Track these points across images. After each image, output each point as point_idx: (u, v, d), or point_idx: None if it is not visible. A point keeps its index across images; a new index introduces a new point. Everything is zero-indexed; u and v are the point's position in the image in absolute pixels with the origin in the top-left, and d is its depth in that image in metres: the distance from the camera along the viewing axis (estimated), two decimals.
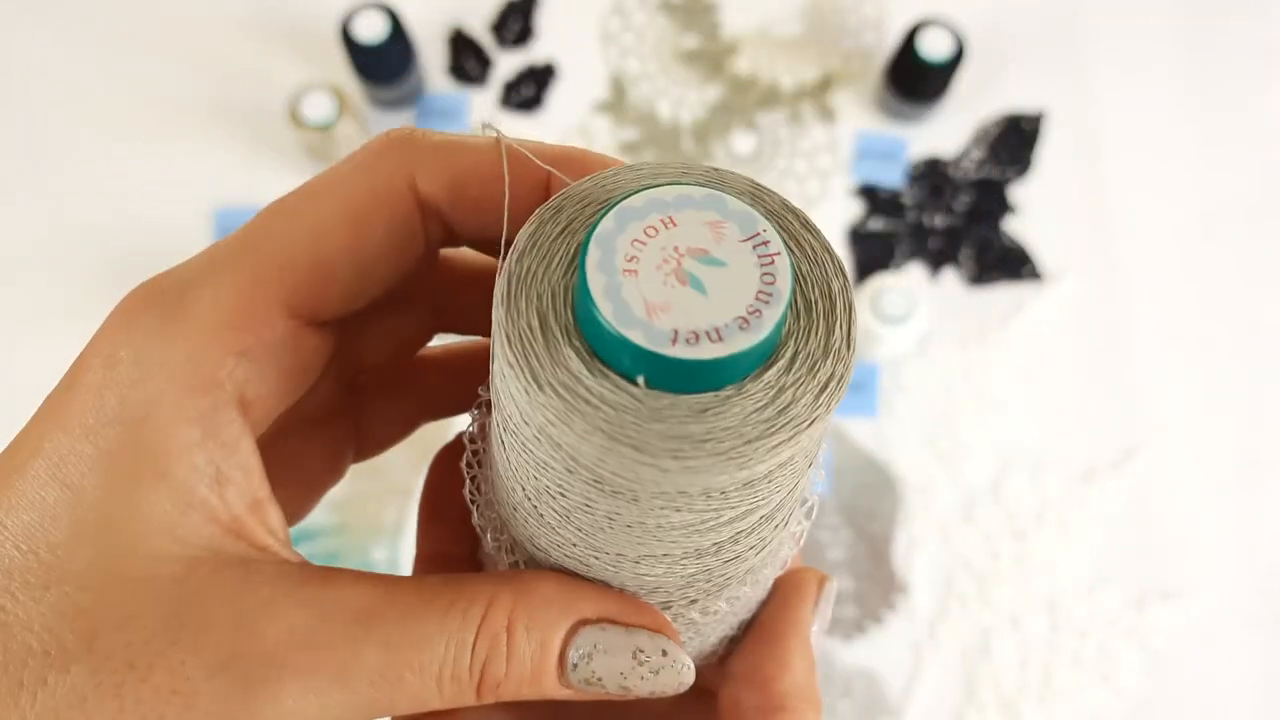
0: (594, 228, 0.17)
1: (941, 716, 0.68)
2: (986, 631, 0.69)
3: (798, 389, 0.17)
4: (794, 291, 0.18)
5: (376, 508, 0.71)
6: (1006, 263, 0.76)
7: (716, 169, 0.19)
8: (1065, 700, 0.68)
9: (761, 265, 0.17)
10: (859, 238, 0.76)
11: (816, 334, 0.18)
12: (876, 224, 0.77)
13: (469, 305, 0.25)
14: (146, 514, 0.18)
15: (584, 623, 0.19)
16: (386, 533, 0.70)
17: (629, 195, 0.18)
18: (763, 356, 0.17)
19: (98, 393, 0.18)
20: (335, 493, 0.71)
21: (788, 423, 0.17)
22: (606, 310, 0.16)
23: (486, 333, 0.22)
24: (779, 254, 0.17)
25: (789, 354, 0.18)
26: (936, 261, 0.76)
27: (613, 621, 0.20)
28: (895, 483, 0.72)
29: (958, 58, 0.73)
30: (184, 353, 0.18)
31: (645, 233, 0.17)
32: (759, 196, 0.19)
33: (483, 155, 0.20)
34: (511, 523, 0.21)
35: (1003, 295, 0.75)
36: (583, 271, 0.17)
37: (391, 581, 0.19)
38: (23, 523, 0.17)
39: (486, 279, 0.24)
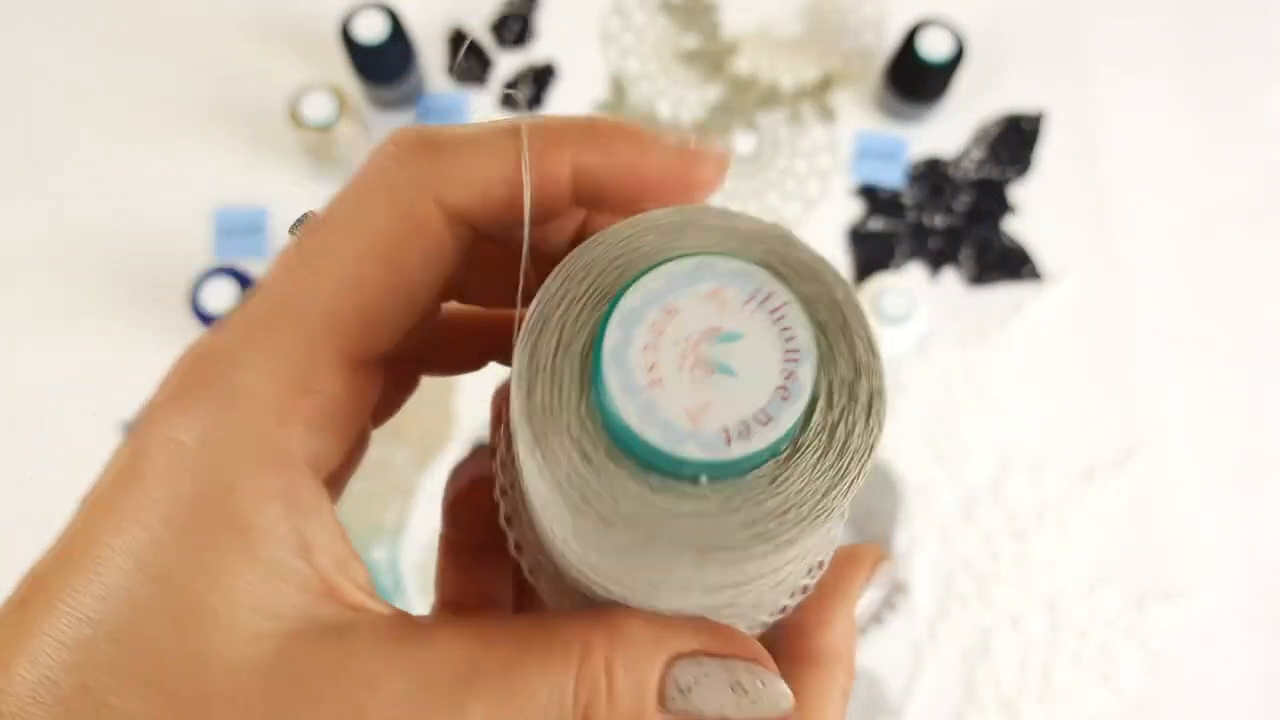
0: (599, 349, 0.17)
1: (941, 716, 0.68)
2: (986, 631, 0.69)
3: (847, 420, 0.17)
4: (815, 335, 0.17)
5: (377, 508, 0.71)
6: (1006, 263, 0.76)
7: (703, 210, 0.18)
8: (1065, 700, 0.68)
9: (775, 321, 0.17)
10: (859, 238, 0.76)
11: (841, 357, 0.17)
12: (876, 224, 0.77)
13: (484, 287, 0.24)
14: (238, 595, 0.17)
15: (680, 657, 0.19)
16: (387, 533, 0.70)
17: (620, 296, 0.17)
18: (809, 411, 0.17)
19: (167, 479, 0.18)
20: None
21: (852, 457, 0.17)
22: (654, 436, 0.16)
23: (503, 304, 0.22)
24: (786, 303, 0.17)
25: (824, 389, 0.17)
26: (936, 261, 0.76)
27: (708, 654, 0.19)
28: (895, 483, 0.72)
29: (958, 58, 0.73)
30: (250, 431, 0.18)
31: (652, 332, 0.17)
32: (748, 241, 0.18)
33: (505, 156, 0.20)
34: (555, 560, 0.21)
35: (1003, 295, 0.76)
36: (611, 401, 0.16)
37: (488, 631, 0.19)
38: (113, 618, 0.17)
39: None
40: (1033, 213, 0.77)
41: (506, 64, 0.80)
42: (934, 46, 0.72)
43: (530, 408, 0.17)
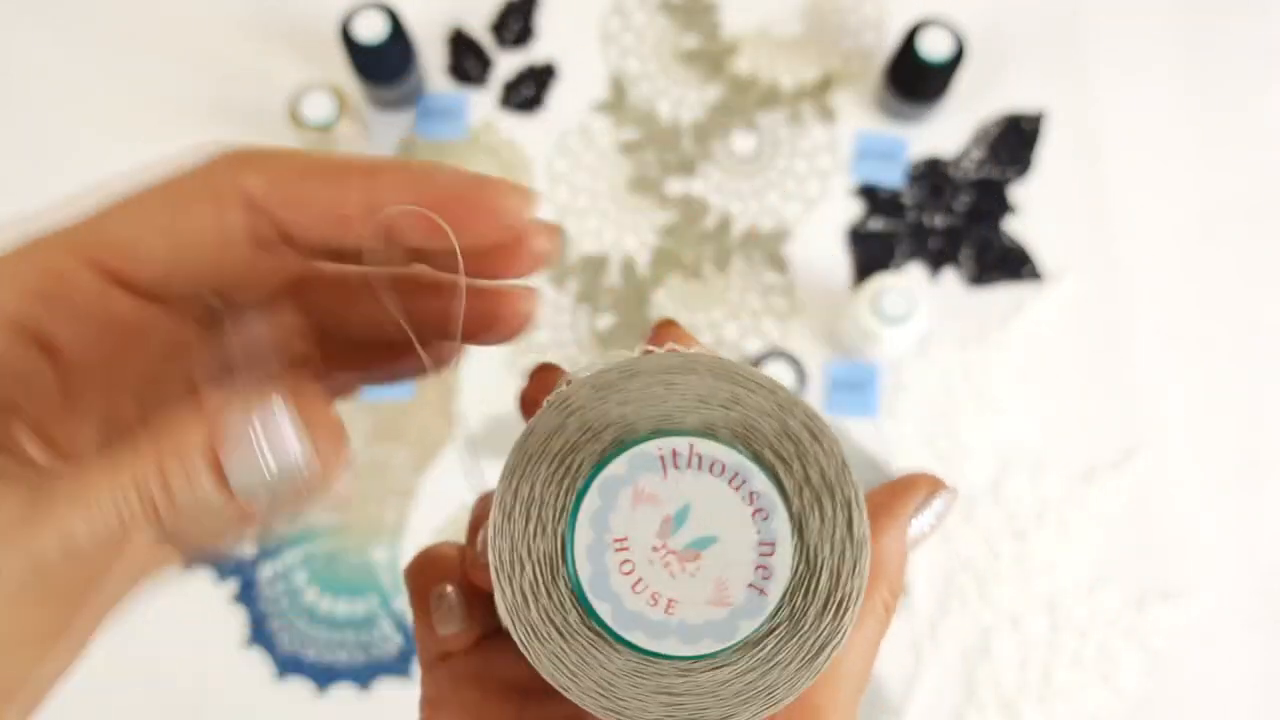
0: (575, 576, 0.17)
1: (941, 716, 0.68)
2: (986, 631, 0.69)
3: (834, 563, 0.17)
4: (790, 516, 0.17)
5: (376, 508, 0.71)
6: (1006, 263, 0.76)
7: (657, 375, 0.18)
8: (1065, 700, 0.68)
9: (750, 510, 0.17)
10: (859, 238, 0.76)
11: (826, 516, 0.18)
12: (876, 224, 0.77)
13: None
14: None
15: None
16: (386, 532, 0.70)
17: (573, 524, 0.17)
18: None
19: None
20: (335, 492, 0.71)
21: (846, 594, 0.17)
22: (632, 636, 0.17)
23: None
24: (757, 492, 0.17)
25: (810, 541, 0.18)
26: (936, 261, 0.76)
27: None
28: None
29: (958, 58, 0.73)
30: None
31: (618, 547, 0.17)
32: (709, 419, 0.18)
33: (307, 158, 0.22)
34: None
35: (1003, 295, 0.76)
36: (617, 635, 0.17)
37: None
38: None
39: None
40: (1033, 213, 0.77)
41: (506, 64, 0.80)
42: (934, 46, 0.72)
43: (509, 604, 0.17)
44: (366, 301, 0.24)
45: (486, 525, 0.21)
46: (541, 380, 0.25)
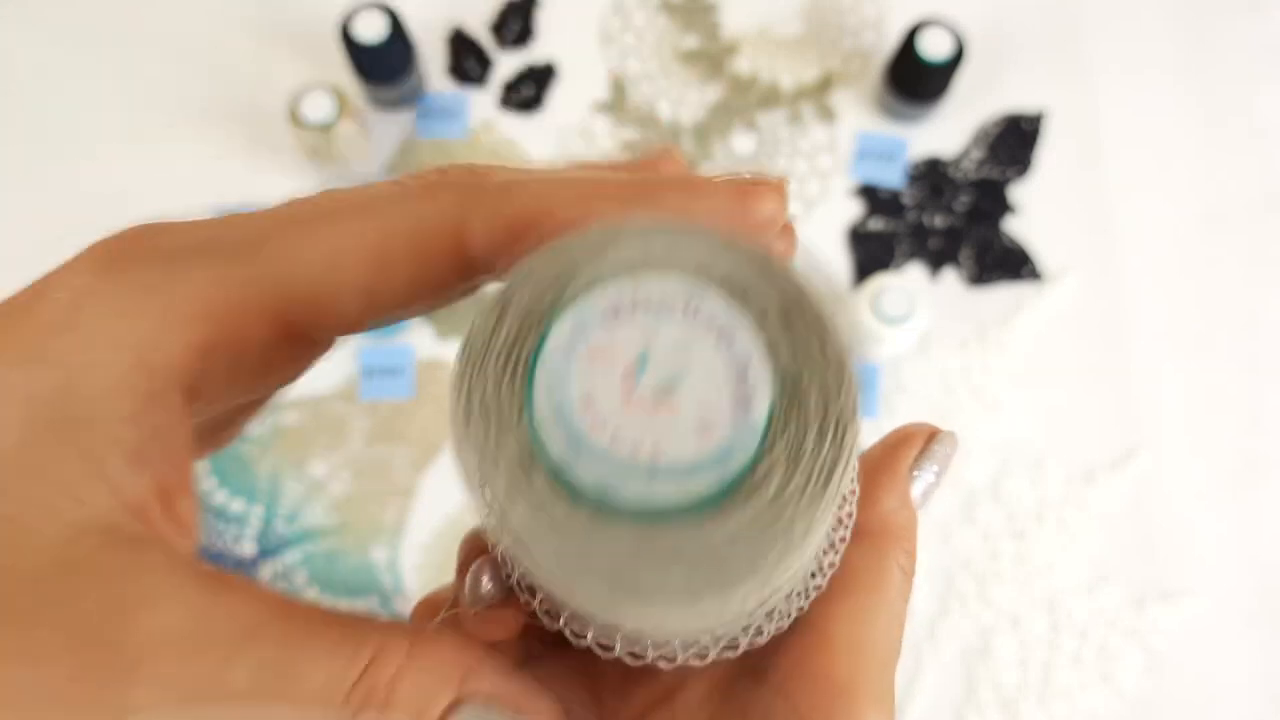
0: (550, 460, 0.15)
1: (941, 716, 0.68)
2: (986, 631, 0.69)
3: (818, 384, 0.16)
4: (767, 349, 0.16)
5: (376, 508, 0.71)
6: (1006, 263, 0.76)
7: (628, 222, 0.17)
8: (1065, 700, 0.68)
9: (712, 337, 0.16)
10: (859, 238, 0.76)
11: (798, 336, 0.16)
12: (876, 224, 0.77)
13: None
14: (51, 466, 0.17)
15: (472, 697, 0.18)
16: (386, 532, 0.70)
17: (546, 331, 0.16)
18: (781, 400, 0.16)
19: (47, 331, 0.17)
20: (336, 493, 0.71)
21: (840, 416, 0.16)
22: (593, 478, 0.15)
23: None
24: (727, 324, 0.16)
25: (785, 365, 0.16)
26: (936, 261, 0.76)
27: (503, 704, 0.18)
28: None
29: (958, 58, 0.73)
30: (150, 325, 0.17)
31: (584, 413, 0.16)
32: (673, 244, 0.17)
33: (548, 204, 0.18)
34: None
35: (1003, 295, 0.75)
36: (552, 450, 0.15)
37: (287, 604, 0.18)
38: None
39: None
40: (1033, 213, 0.77)
41: (506, 64, 0.80)
42: (934, 46, 0.72)
43: (469, 453, 0.16)
44: None
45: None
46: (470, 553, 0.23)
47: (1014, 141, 0.79)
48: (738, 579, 0.15)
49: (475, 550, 0.21)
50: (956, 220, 0.77)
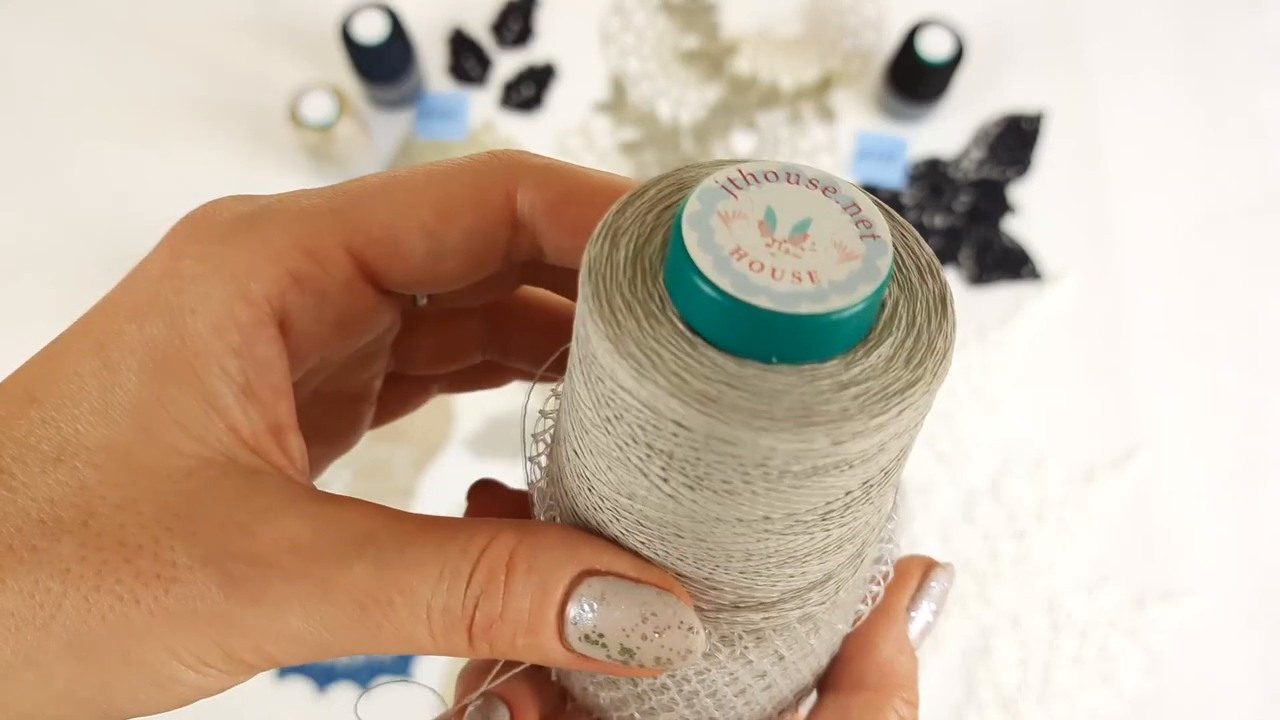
0: (678, 233, 0.17)
1: (941, 716, 0.68)
2: (986, 631, 0.69)
3: (924, 310, 0.18)
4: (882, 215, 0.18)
5: None
6: (1006, 263, 0.76)
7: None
8: (1065, 700, 0.68)
9: (840, 204, 0.18)
10: None
11: (906, 252, 0.18)
12: None
13: (526, 341, 0.25)
14: (170, 406, 0.18)
15: (590, 573, 0.18)
16: None
17: (683, 203, 0.17)
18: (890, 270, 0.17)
19: (155, 282, 0.19)
20: (336, 492, 0.71)
21: (929, 347, 0.17)
22: (759, 299, 0.16)
23: (536, 363, 0.23)
24: (841, 189, 0.18)
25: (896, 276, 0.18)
26: None
27: (623, 576, 0.18)
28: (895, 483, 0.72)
29: (958, 58, 0.73)
30: (244, 262, 0.19)
31: (724, 220, 0.17)
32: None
33: (587, 179, 0.20)
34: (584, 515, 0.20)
35: (1003, 295, 0.76)
36: (703, 279, 0.16)
37: (398, 513, 0.19)
38: (58, 395, 0.18)
39: (554, 323, 0.25)
40: (1033, 213, 0.77)
41: (506, 64, 0.80)
42: (934, 46, 0.72)
43: (611, 308, 0.17)
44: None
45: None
46: (480, 498, 0.25)
47: (1014, 141, 0.79)
48: (889, 403, 0.16)
49: (472, 685, 0.22)
50: (956, 220, 0.77)
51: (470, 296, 0.24)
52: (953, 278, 0.76)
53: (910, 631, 0.22)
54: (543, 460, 0.22)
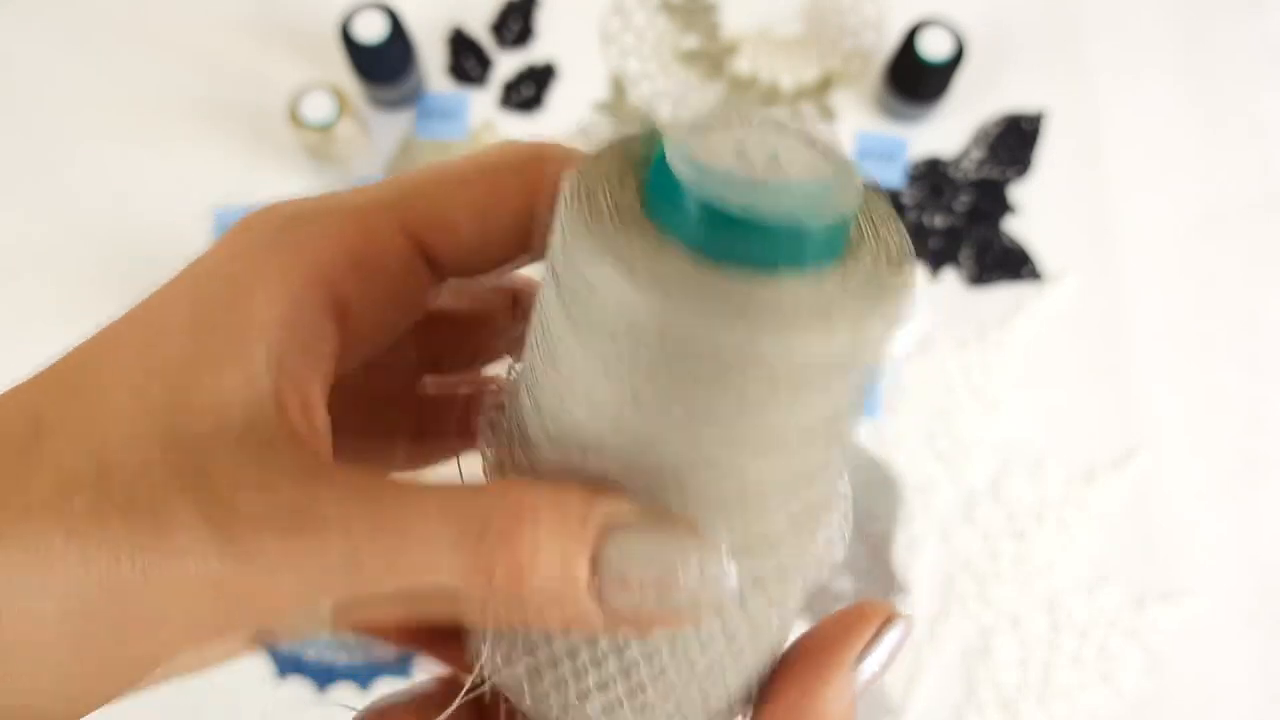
0: (659, 155, 0.17)
1: (941, 716, 0.68)
2: (986, 631, 0.69)
3: (888, 234, 0.18)
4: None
5: None
6: (1006, 263, 0.76)
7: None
8: (1065, 700, 0.68)
9: (803, 140, 0.18)
10: None
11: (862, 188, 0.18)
12: None
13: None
14: (204, 371, 0.18)
15: (618, 526, 0.18)
16: None
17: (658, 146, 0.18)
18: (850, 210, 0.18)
19: (214, 263, 0.19)
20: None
21: (898, 272, 0.17)
22: (745, 197, 0.17)
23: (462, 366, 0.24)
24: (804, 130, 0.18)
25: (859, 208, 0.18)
26: (936, 261, 0.76)
27: (647, 528, 0.18)
28: (895, 483, 0.72)
29: (958, 58, 0.73)
30: (303, 243, 0.19)
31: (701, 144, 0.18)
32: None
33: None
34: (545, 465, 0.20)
35: (1003, 295, 0.76)
36: (694, 187, 0.17)
37: (410, 479, 0.18)
38: (99, 361, 0.19)
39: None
40: (1033, 213, 0.77)
41: (506, 64, 0.80)
42: (934, 46, 0.72)
43: (594, 217, 0.17)
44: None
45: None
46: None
47: (1014, 141, 0.79)
48: (858, 314, 0.17)
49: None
50: (956, 220, 0.77)
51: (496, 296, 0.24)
52: (953, 278, 0.76)
53: (856, 681, 0.21)
54: (489, 453, 0.22)
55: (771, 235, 0.16)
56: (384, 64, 0.73)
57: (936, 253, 0.76)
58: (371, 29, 0.71)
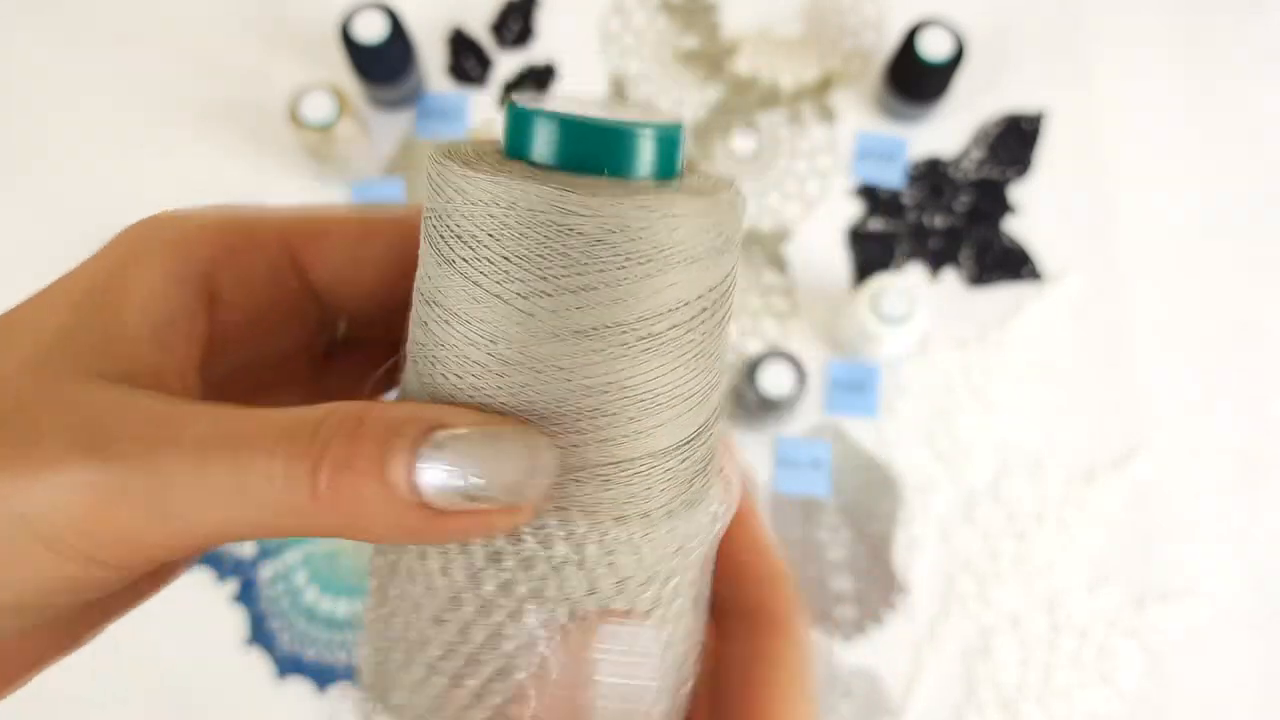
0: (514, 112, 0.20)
1: (941, 716, 0.68)
2: (986, 631, 0.69)
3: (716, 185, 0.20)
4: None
5: None
6: (1006, 263, 0.76)
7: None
8: (1065, 700, 0.68)
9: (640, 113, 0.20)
10: (859, 238, 0.76)
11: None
12: (876, 224, 0.77)
13: None
14: (86, 335, 0.20)
15: (439, 425, 0.18)
16: None
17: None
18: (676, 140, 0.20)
19: (109, 246, 0.22)
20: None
21: (728, 214, 0.20)
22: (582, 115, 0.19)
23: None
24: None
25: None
26: (936, 261, 0.76)
27: (470, 425, 0.18)
28: (895, 483, 0.72)
29: (958, 58, 0.73)
30: (183, 232, 0.22)
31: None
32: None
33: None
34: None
35: (1003, 295, 0.76)
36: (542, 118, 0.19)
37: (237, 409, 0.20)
38: (25, 310, 0.21)
39: None
40: (1033, 213, 0.77)
41: (506, 64, 0.80)
42: (934, 46, 0.72)
43: (460, 156, 0.19)
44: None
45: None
46: None
47: (1014, 141, 0.79)
48: (690, 206, 0.19)
49: None
50: (956, 220, 0.77)
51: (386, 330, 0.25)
52: (953, 278, 0.76)
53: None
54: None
55: (608, 141, 0.19)
56: (384, 64, 0.73)
57: (936, 253, 0.76)
58: (371, 29, 0.71)
